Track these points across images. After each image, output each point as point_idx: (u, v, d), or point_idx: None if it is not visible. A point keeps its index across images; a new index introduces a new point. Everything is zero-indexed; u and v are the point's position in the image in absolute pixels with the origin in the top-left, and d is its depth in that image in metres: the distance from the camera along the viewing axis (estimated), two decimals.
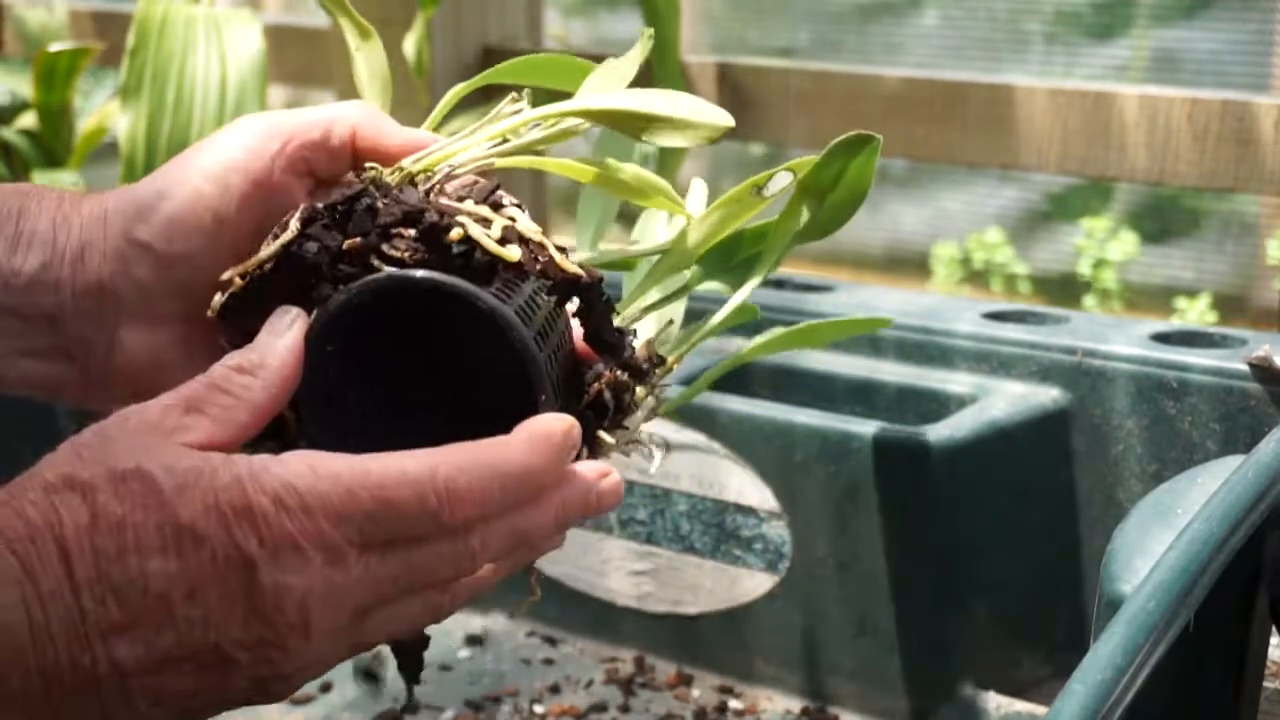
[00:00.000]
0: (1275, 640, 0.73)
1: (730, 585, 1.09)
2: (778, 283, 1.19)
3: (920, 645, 1.03)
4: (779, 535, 1.06)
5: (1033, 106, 1.58)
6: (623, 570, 1.14)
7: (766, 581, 1.08)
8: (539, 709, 1.07)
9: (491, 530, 0.56)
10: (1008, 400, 1.06)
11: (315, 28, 2.19)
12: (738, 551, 1.08)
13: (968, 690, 1.03)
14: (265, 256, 0.60)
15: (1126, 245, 2.43)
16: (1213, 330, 1.06)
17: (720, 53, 2.09)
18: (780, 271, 0.92)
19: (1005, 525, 1.05)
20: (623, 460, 0.66)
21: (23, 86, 2.14)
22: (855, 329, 0.91)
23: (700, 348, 0.74)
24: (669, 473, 1.10)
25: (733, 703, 1.08)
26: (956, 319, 1.12)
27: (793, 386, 1.13)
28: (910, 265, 2.63)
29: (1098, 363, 1.05)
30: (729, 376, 0.80)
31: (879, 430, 1.02)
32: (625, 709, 1.08)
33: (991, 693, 1.02)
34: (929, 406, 1.10)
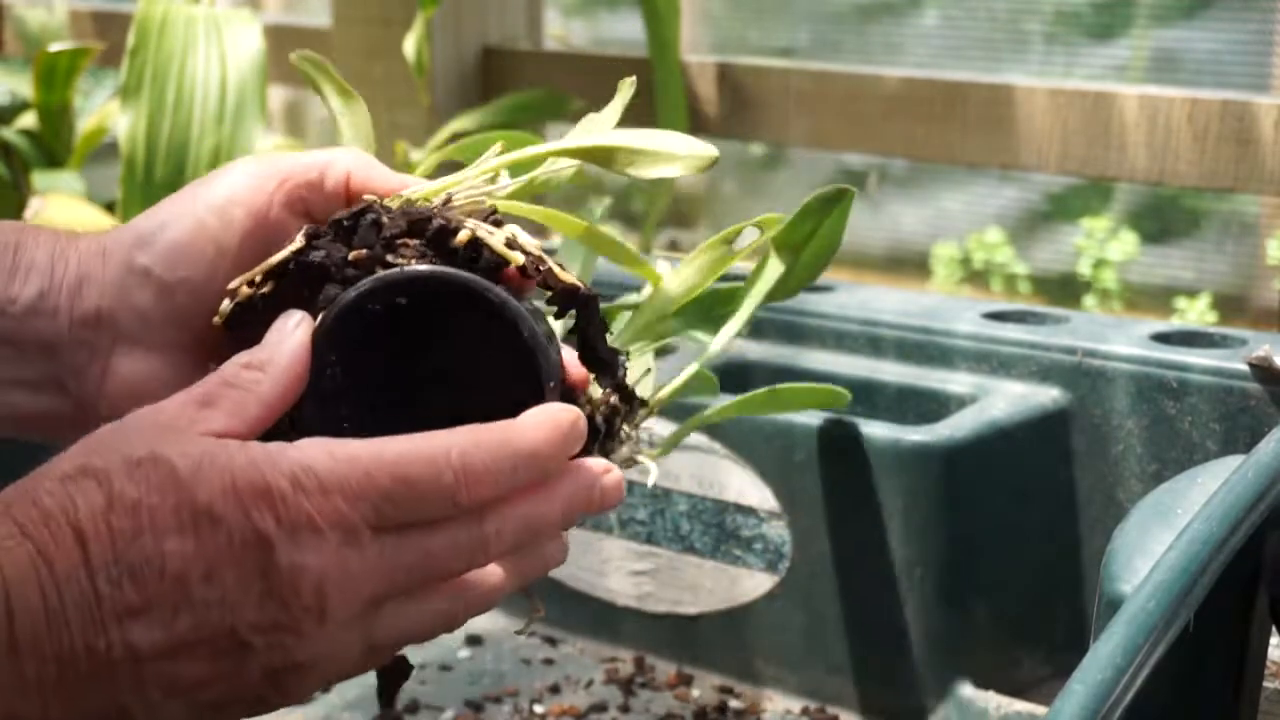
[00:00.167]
0: (1275, 640, 0.73)
1: (730, 585, 1.09)
2: None
3: (920, 645, 1.03)
4: (779, 535, 1.06)
5: (1033, 106, 1.58)
6: (623, 570, 1.14)
7: (766, 581, 1.08)
8: (539, 709, 1.07)
9: (504, 518, 0.56)
10: (1008, 400, 1.06)
11: (315, 28, 2.19)
12: (738, 551, 1.08)
13: (968, 690, 1.03)
14: (273, 263, 0.61)
15: (1126, 245, 2.43)
16: (1213, 330, 1.06)
17: (720, 53, 2.09)
18: None
19: (1005, 525, 1.05)
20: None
21: (23, 86, 2.14)
22: (816, 399, 0.93)
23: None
24: (669, 473, 1.10)
25: (733, 703, 1.08)
26: (956, 319, 1.12)
27: None
28: (910, 265, 2.62)
29: (1098, 363, 1.05)
30: (729, 377, 0.81)
31: (879, 430, 1.02)
32: (625, 709, 1.08)
33: (991, 693, 1.02)
34: (929, 406, 1.10)
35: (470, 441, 0.55)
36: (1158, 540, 0.69)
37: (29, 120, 2.11)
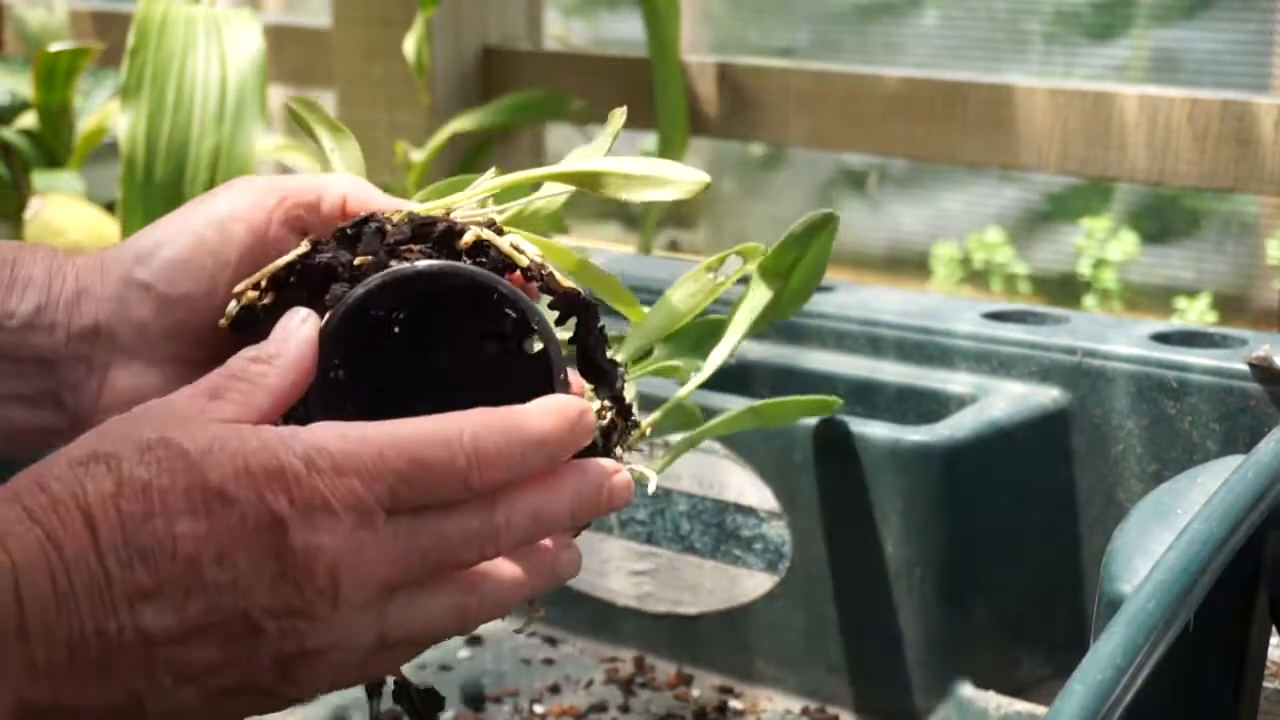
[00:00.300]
0: (1275, 640, 0.73)
1: (730, 585, 1.09)
2: None
3: (920, 645, 1.03)
4: (779, 535, 1.06)
5: (1033, 106, 1.58)
6: (623, 570, 1.14)
7: (766, 581, 1.08)
8: (539, 709, 1.07)
9: (514, 508, 0.56)
10: (1008, 400, 1.06)
11: (315, 28, 2.19)
12: (738, 551, 1.08)
13: (968, 690, 1.03)
14: (279, 266, 0.61)
15: (1126, 245, 2.43)
16: (1213, 330, 1.06)
17: (720, 53, 2.09)
18: None
19: (1005, 525, 1.05)
20: None
21: (23, 86, 2.14)
22: (808, 409, 0.94)
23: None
24: (669, 473, 1.10)
25: (733, 703, 1.08)
26: (956, 319, 1.12)
27: (792, 387, 1.13)
28: (910, 265, 2.62)
29: (1098, 363, 1.05)
30: (729, 377, 0.81)
31: (879, 430, 1.02)
32: (625, 709, 1.08)
33: (991, 693, 1.02)
34: (929, 406, 1.10)
35: (480, 424, 0.55)
36: (1158, 540, 0.69)
37: (29, 120, 2.11)
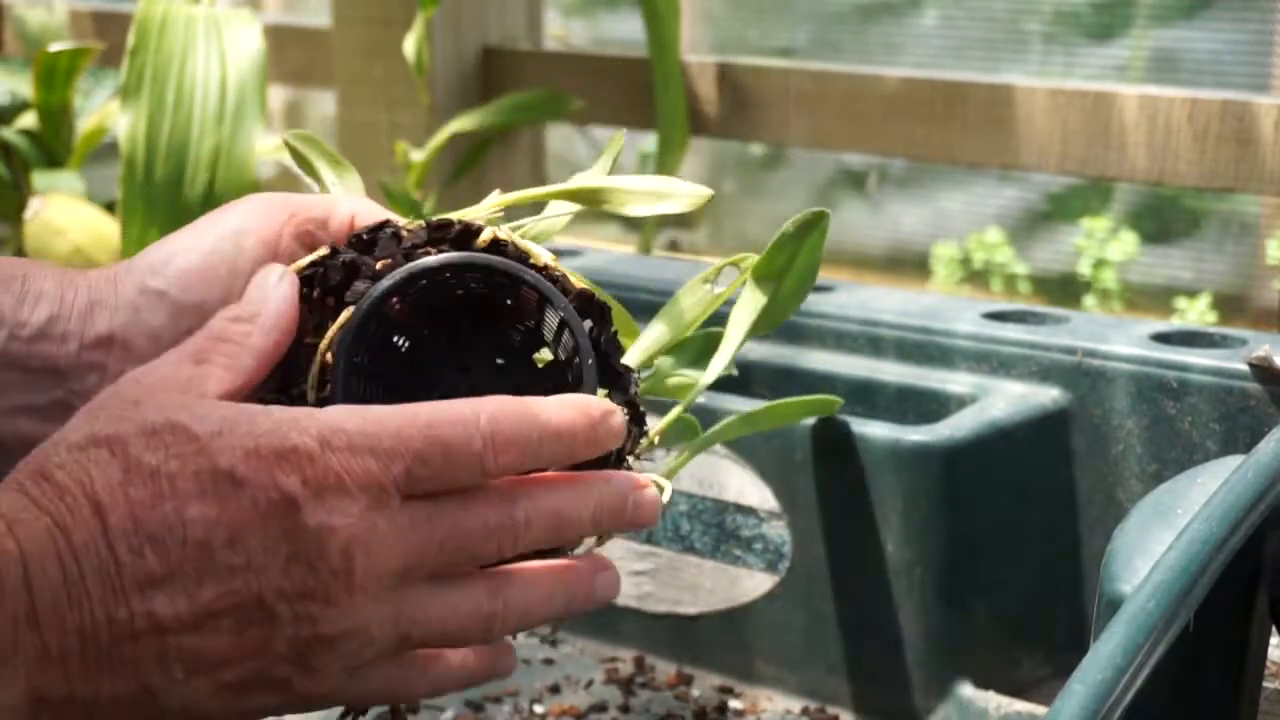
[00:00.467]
0: (1275, 640, 0.73)
1: (730, 585, 1.09)
2: None
3: (920, 645, 1.03)
4: (779, 535, 1.06)
5: (1033, 106, 1.58)
6: (623, 570, 1.14)
7: (766, 581, 1.08)
8: (539, 709, 1.07)
9: (535, 506, 0.55)
10: (1008, 400, 1.06)
11: (315, 28, 2.19)
12: (738, 551, 1.08)
13: (967, 690, 1.03)
14: (303, 265, 0.61)
15: (1126, 245, 2.43)
16: (1213, 330, 1.06)
17: (720, 53, 2.09)
18: None
19: (1005, 525, 1.05)
20: None
21: (23, 86, 2.14)
22: (809, 409, 0.94)
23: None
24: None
25: (733, 703, 1.08)
26: (956, 319, 1.12)
27: (792, 386, 1.13)
28: (910, 265, 2.62)
29: (1098, 363, 1.05)
30: (729, 378, 0.81)
31: (879, 430, 1.02)
32: (625, 709, 1.08)
33: (991, 693, 1.02)
34: (929, 406, 1.10)
35: (498, 407, 0.54)
36: (1158, 540, 0.69)
37: (29, 120, 2.11)
